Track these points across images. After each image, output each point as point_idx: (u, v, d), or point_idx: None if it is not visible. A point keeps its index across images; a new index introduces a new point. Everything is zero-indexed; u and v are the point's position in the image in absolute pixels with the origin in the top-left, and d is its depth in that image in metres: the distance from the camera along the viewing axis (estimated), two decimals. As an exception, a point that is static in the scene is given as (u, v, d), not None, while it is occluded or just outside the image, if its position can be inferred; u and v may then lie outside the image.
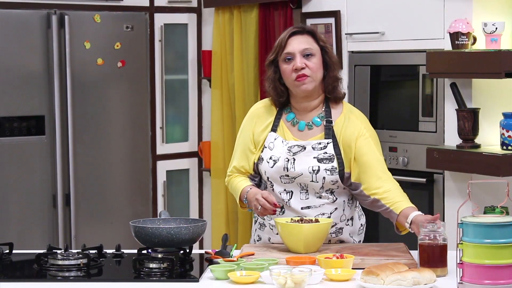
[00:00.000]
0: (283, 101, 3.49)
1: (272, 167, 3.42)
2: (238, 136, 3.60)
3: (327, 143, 3.40)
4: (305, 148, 3.40)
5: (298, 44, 3.41)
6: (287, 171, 3.40)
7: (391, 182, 3.38)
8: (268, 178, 3.45)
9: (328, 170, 3.37)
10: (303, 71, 3.38)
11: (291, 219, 3.33)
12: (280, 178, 3.42)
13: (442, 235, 3.03)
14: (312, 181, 3.39)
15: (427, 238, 3.02)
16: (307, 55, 3.40)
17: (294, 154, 3.40)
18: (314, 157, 3.39)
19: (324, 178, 3.38)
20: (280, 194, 3.43)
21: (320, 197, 3.42)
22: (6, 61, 5.37)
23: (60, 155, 5.53)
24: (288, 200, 3.42)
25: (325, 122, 3.44)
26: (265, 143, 3.47)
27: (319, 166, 3.38)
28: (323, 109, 3.46)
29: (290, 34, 3.43)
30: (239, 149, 3.56)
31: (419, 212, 3.25)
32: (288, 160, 3.40)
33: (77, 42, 5.57)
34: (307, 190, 3.41)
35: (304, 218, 3.33)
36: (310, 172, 3.38)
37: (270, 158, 3.43)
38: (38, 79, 5.48)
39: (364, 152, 3.40)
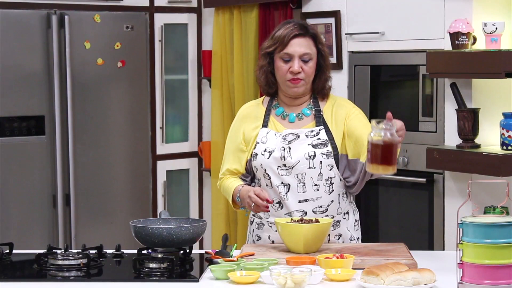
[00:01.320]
0: (271, 92, 3.56)
1: (268, 158, 3.45)
2: (228, 139, 3.64)
3: (319, 130, 3.46)
4: (299, 136, 3.45)
5: (299, 47, 3.45)
6: (284, 160, 3.42)
7: None
8: (265, 170, 3.45)
9: (324, 154, 3.42)
10: (298, 75, 3.45)
11: (291, 219, 3.34)
12: (277, 169, 3.44)
13: (391, 132, 2.99)
14: (309, 167, 3.42)
15: (376, 135, 2.97)
16: (305, 59, 3.45)
17: (289, 142, 3.44)
18: (308, 144, 3.44)
19: (321, 162, 3.42)
20: (278, 187, 3.44)
21: (318, 189, 3.43)
22: (6, 61, 5.37)
23: (60, 155, 5.53)
24: (285, 193, 3.43)
25: (314, 111, 3.50)
26: (257, 139, 3.51)
27: (314, 152, 3.42)
28: (311, 101, 3.54)
29: (293, 35, 3.45)
30: (230, 151, 3.61)
31: None
32: (284, 149, 3.44)
33: (77, 42, 5.57)
34: (304, 183, 3.42)
35: (304, 218, 3.34)
36: (306, 159, 3.41)
37: (265, 150, 3.46)
38: (38, 79, 5.48)
39: (356, 127, 3.45)
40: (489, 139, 4.43)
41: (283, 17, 5.38)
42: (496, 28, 4.23)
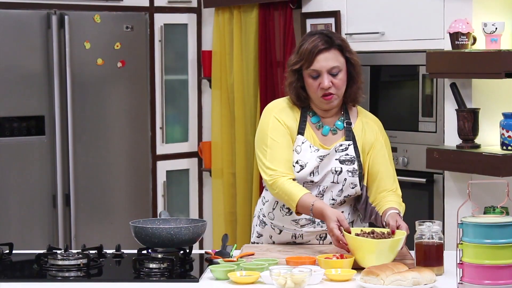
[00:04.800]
0: (305, 106, 3.44)
1: (298, 172, 3.36)
2: (270, 131, 3.38)
3: (348, 145, 3.39)
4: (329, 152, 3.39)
5: (325, 61, 3.33)
6: (313, 176, 3.36)
7: (393, 194, 3.41)
8: None
9: (349, 171, 3.37)
10: (329, 89, 3.34)
11: (361, 230, 3.17)
12: (303, 183, 3.37)
13: (438, 234, 3.04)
14: (333, 182, 3.37)
15: (423, 237, 3.03)
16: (333, 73, 3.35)
17: (321, 160, 3.36)
18: (336, 159, 3.37)
19: (345, 179, 3.37)
20: None
21: (333, 204, 3.38)
22: (6, 61, 5.37)
23: (60, 155, 5.53)
24: None
25: (345, 124, 3.43)
26: (293, 146, 3.40)
27: (341, 168, 3.37)
28: (342, 112, 3.45)
29: (318, 50, 3.33)
30: (283, 141, 3.36)
31: (396, 211, 3.27)
32: (317, 166, 3.36)
33: (77, 42, 5.57)
34: (322, 195, 3.38)
35: (375, 230, 3.15)
36: (332, 173, 3.36)
37: (297, 162, 3.37)
38: (38, 79, 5.48)
39: (377, 162, 3.42)
40: (489, 139, 4.43)
41: (283, 17, 5.39)
42: (496, 28, 4.23)
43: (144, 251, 3.27)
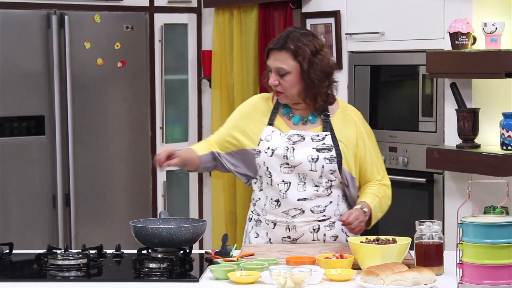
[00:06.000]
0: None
1: (271, 156, 3.43)
2: (232, 115, 3.61)
3: (325, 135, 3.45)
4: (304, 139, 3.44)
5: (273, 61, 3.43)
6: (287, 159, 3.42)
7: (376, 184, 3.51)
8: (267, 168, 3.45)
9: (327, 158, 3.42)
10: (276, 88, 3.44)
11: (366, 238, 3.17)
12: (280, 166, 3.43)
13: (438, 234, 3.04)
14: (311, 170, 3.41)
15: (423, 237, 3.04)
16: (280, 74, 3.42)
17: (294, 143, 3.43)
18: (313, 148, 3.43)
19: (323, 166, 3.42)
20: (278, 185, 3.44)
21: (317, 190, 3.43)
22: (6, 61, 5.37)
23: (60, 155, 5.53)
24: (285, 191, 3.43)
25: (323, 116, 3.48)
26: (261, 137, 3.49)
27: (318, 155, 3.42)
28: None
29: (269, 49, 3.46)
30: (225, 128, 3.59)
31: (359, 206, 3.40)
32: (288, 148, 3.43)
33: (77, 42, 5.57)
34: (305, 182, 3.42)
35: (380, 238, 3.16)
36: (309, 161, 3.41)
37: (268, 148, 3.45)
38: (38, 79, 5.48)
39: (361, 156, 3.50)
40: (489, 139, 4.43)
41: (283, 17, 5.38)
42: (496, 28, 4.23)
43: (144, 251, 3.28)
